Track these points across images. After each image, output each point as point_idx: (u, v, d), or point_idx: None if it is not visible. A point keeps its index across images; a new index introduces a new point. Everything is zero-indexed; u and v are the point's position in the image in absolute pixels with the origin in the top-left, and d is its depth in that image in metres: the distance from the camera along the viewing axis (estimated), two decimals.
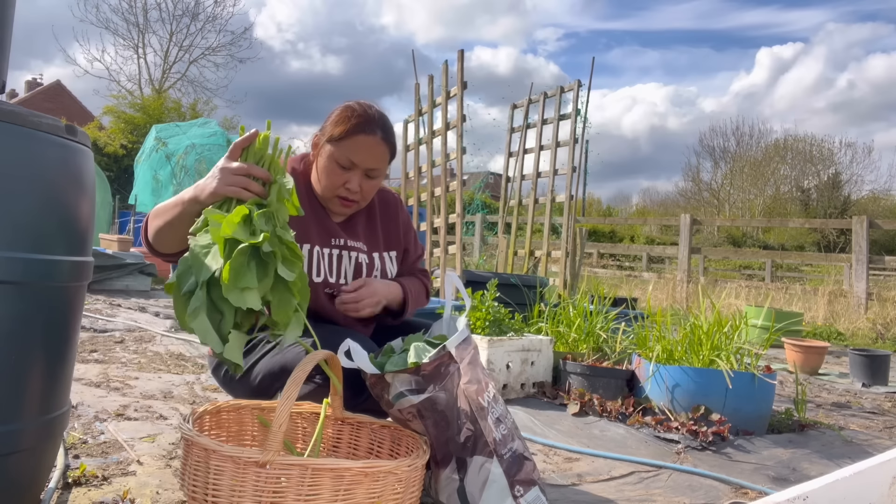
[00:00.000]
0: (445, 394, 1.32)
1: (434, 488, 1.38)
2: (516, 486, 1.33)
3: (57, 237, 1.15)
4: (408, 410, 1.33)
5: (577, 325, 3.23)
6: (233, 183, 1.28)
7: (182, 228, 1.35)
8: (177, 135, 12.34)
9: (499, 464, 1.32)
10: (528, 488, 1.34)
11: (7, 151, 1.06)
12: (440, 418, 1.32)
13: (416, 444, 1.32)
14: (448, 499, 1.33)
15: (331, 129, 1.60)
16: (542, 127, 6.41)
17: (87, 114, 28.10)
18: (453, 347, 1.35)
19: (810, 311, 7.57)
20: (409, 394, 1.32)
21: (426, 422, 1.32)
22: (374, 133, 1.59)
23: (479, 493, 1.30)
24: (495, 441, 1.32)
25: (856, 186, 33.93)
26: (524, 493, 1.33)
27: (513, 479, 1.32)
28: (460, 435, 1.32)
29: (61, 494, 1.40)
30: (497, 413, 1.36)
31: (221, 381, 1.69)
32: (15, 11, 1.25)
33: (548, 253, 6.28)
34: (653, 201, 39.72)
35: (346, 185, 1.60)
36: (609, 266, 17.91)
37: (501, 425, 1.35)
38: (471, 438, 1.32)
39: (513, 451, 1.35)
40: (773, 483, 1.97)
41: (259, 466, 1.06)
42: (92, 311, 4.60)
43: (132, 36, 27.62)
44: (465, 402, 1.32)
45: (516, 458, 1.35)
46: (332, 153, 1.59)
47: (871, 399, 3.60)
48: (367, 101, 1.66)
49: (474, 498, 1.31)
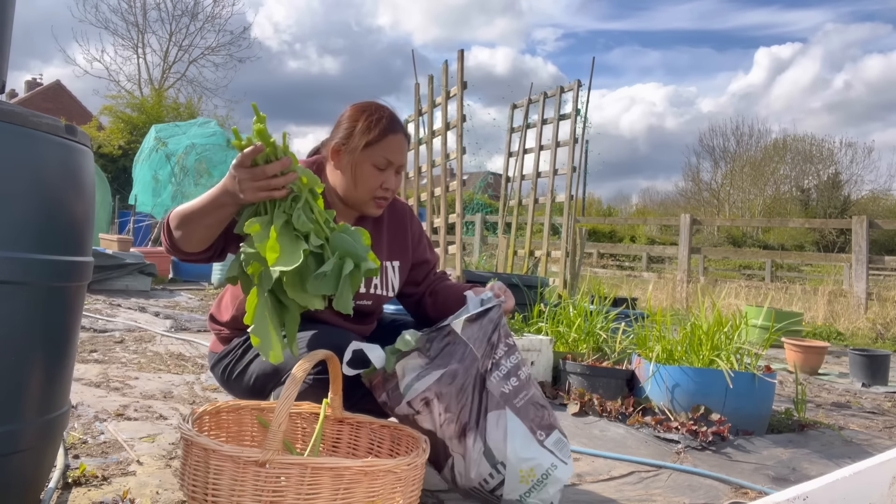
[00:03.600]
0: (459, 365, 1.35)
1: (461, 472, 1.38)
2: (538, 431, 1.37)
3: (57, 237, 1.15)
4: (420, 398, 1.35)
5: (577, 325, 3.23)
6: (261, 188, 1.27)
7: (214, 231, 1.39)
8: (176, 135, 12.34)
9: (514, 414, 1.35)
10: (549, 432, 1.39)
11: (7, 151, 1.06)
12: (457, 392, 1.34)
13: (415, 443, 1.32)
14: (479, 468, 1.35)
15: (362, 136, 1.58)
16: (541, 127, 6.40)
17: (87, 114, 28.09)
18: (458, 324, 1.38)
19: (810, 311, 7.57)
20: (421, 378, 1.34)
21: (443, 401, 1.34)
22: (400, 130, 1.63)
23: (503, 446, 1.33)
24: (503, 394, 1.36)
25: (856, 186, 33.96)
26: (546, 437, 1.37)
27: (532, 426, 1.37)
28: (475, 401, 1.35)
29: (61, 494, 1.40)
30: (507, 369, 1.40)
31: (219, 378, 1.71)
32: (15, 11, 1.25)
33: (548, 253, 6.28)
34: (653, 201, 39.75)
35: (383, 186, 1.62)
36: (609, 266, 17.91)
37: (512, 378, 1.39)
38: (483, 399, 1.36)
39: (527, 399, 1.39)
40: (773, 483, 1.97)
41: (258, 466, 1.06)
42: (92, 311, 4.60)
43: (131, 36, 27.65)
44: (475, 370, 1.37)
45: (532, 405, 1.39)
46: (368, 157, 1.59)
47: (871, 399, 3.60)
48: (374, 101, 1.67)
49: (501, 452, 1.33)
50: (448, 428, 1.35)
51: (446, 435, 1.36)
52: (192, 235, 1.40)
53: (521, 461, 1.34)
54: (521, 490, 1.35)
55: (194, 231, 1.39)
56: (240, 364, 1.64)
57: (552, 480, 1.36)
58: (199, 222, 1.38)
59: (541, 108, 6.43)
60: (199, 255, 1.46)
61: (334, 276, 1.27)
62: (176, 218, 1.41)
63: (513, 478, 1.34)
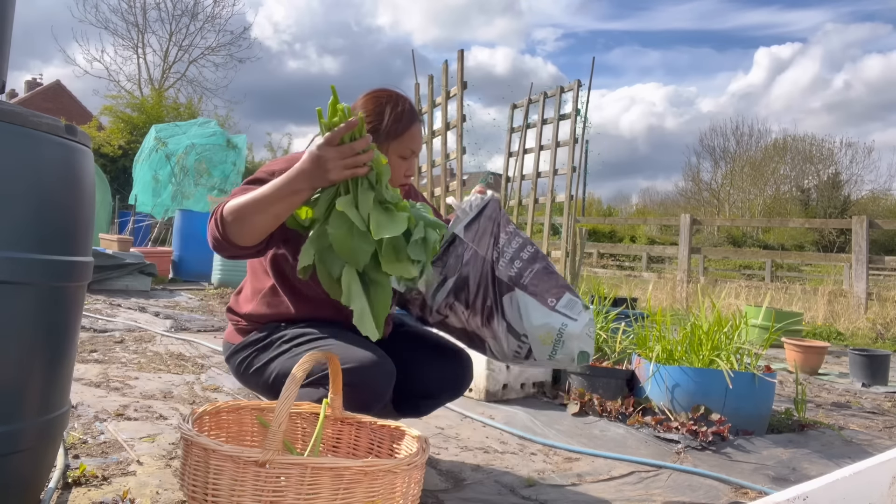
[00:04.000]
0: (467, 268, 1.50)
1: (498, 350, 1.53)
2: (548, 298, 1.50)
3: (57, 237, 1.15)
4: (445, 304, 1.51)
5: None
6: (349, 166, 1.30)
7: (282, 219, 1.38)
8: (176, 135, 12.34)
9: (523, 291, 1.49)
10: (560, 295, 1.52)
11: (7, 151, 1.06)
12: (471, 290, 1.49)
13: (415, 443, 1.32)
14: (508, 343, 1.51)
15: (390, 130, 1.60)
16: (541, 127, 6.41)
17: (87, 114, 28.10)
18: (460, 231, 1.51)
19: (810, 311, 7.57)
20: (440, 288, 1.50)
21: (464, 301, 1.50)
22: (418, 118, 1.67)
23: (520, 321, 1.49)
24: (510, 277, 1.50)
25: (856, 186, 33.97)
26: (557, 301, 1.51)
27: (542, 295, 1.50)
28: (489, 291, 1.50)
29: (61, 494, 1.40)
30: (510, 254, 1.53)
31: (235, 369, 1.68)
32: (15, 11, 1.25)
33: (548, 253, 6.28)
34: (653, 201, 39.76)
35: (406, 173, 1.66)
36: (609, 266, 17.91)
37: (516, 261, 1.52)
38: (496, 286, 1.50)
39: (532, 273, 1.52)
40: (773, 483, 1.97)
41: (259, 466, 1.06)
42: (92, 311, 4.60)
43: (131, 36, 27.66)
44: (484, 264, 1.50)
45: (538, 276, 1.52)
46: (395, 149, 1.62)
47: (871, 399, 3.61)
48: (391, 90, 1.68)
49: (520, 326, 1.49)
50: (473, 321, 1.51)
51: (473, 327, 1.52)
52: (256, 227, 1.36)
53: (536, 329, 1.49)
54: (547, 351, 1.51)
55: (260, 222, 1.35)
56: (260, 359, 1.61)
57: (567, 336, 1.51)
58: (267, 212, 1.34)
59: (541, 108, 6.43)
60: (251, 248, 1.42)
61: (423, 243, 1.41)
62: (235, 211, 1.36)
63: (536, 344, 1.51)
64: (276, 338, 1.59)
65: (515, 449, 2.14)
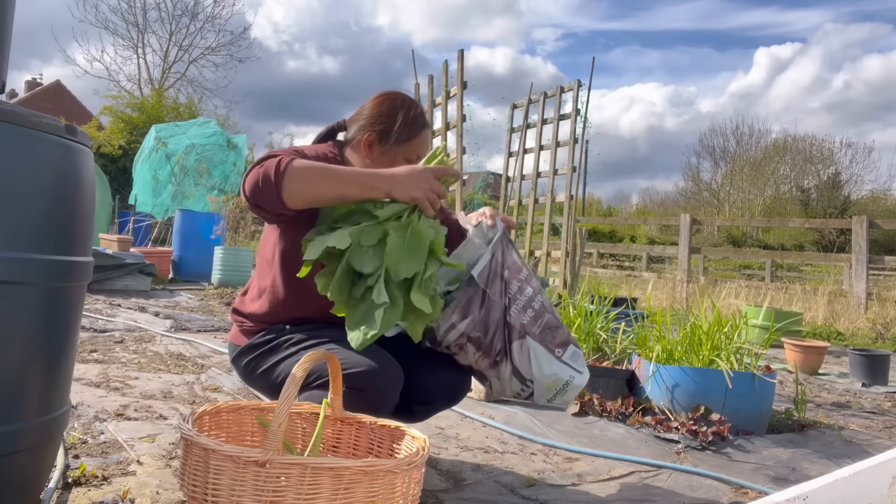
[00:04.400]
0: (480, 312, 1.55)
1: (498, 389, 1.62)
2: (556, 349, 1.58)
3: (57, 237, 1.15)
4: (455, 343, 1.55)
5: (577, 325, 3.22)
6: (430, 199, 1.42)
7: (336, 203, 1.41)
8: (176, 135, 12.34)
9: (533, 340, 1.56)
10: (565, 348, 1.60)
11: (7, 151, 1.06)
12: (483, 333, 1.54)
13: (415, 443, 1.32)
14: (511, 386, 1.59)
15: (401, 133, 1.63)
16: (541, 127, 6.41)
17: (87, 114, 28.11)
18: (476, 273, 1.55)
19: (810, 311, 7.57)
20: (453, 328, 1.54)
21: (475, 343, 1.55)
22: (427, 123, 1.71)
23: (529, 367, 1.56)
24: (523, 325, 1.56)
25: (856, 186, 33.98)
26: (563, 353, 1.59)
27: (550, 346, 1.58)
28: (500, 336, 1.56)
29: (61, 494, 1.40)
30: (522, 302, 1.59)
31: (241, 370, 1.67)
32: (15, 11, 1.25)
33: (548, 253, 6.28)
34: (653, 201, 39.77)
35: None
36: (609, 266, 17.92)
37: (528, 310, 1.59)
38: (507, 332, 1.56)
39: (543, 326, 1.59)
40: (773, 483, 1.97)
41: (259, 466, 1.06)
42: (92, 311, 4.60)
43: (131, 36, 27.68)
44: (497, 309, 1.56)
45: (548, 329, 1.59)
46: (403, 153, 1.65)
47: (871, 399, 3.61)
48: (402, 93, 1.71)
49: (527, 371, 1.57)
50: (482, 362, 1.57)
51: (482, 367, 1.58)
52: (315, 195, 1.37)
53: (545, 377, 1.58)
54: (548, 395, 1.60)
55: (322, 193, 1.37)
56: (268, 360, 1.60)
57: (572, 387, 1.60)
58: (335, 189, 1.37)
59: (541, 108, 6.43)
60: (288, 211, 1.40)
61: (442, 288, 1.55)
62: (305, 171, 1.35)
63: (540, 389, 1.59)
64: (283, 340, 1.59)
65: (515, 449, 2.14)
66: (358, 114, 1.69)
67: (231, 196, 9.69)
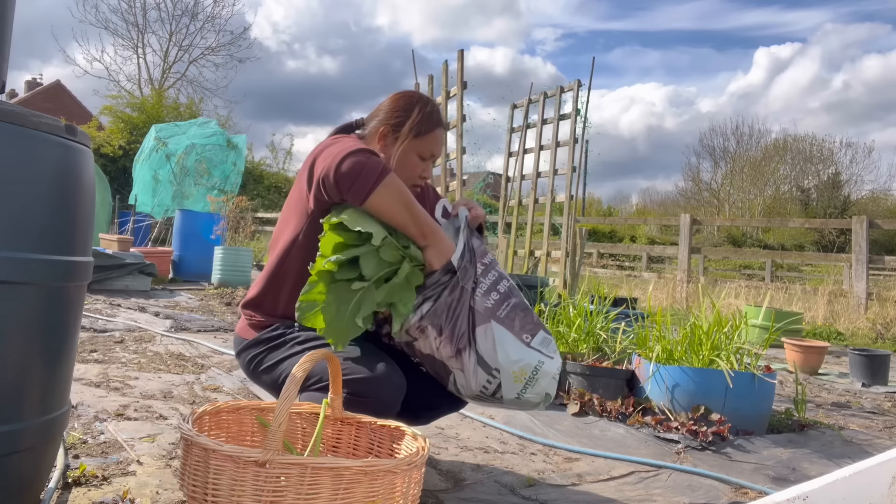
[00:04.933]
0: (448, 292, 1.48)
1: (463, 385, 1.50)
2: (523, 334, 1.49)
3: (57, 237, 1.15)
4: (416, 327, 1.47)
5: (577, 325, 3.23)
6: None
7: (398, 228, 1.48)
8: (176, 135, 12.34)
9: (498, 324, 1.48)
10: (535, 332, 1.51)
11: (7, 151, 1.06)
12: (447, 317, 1.47)
13: (415, 443, 1.32)
14: (477, 378, 1.48)
15: (415, 126, 1.66)
16: (541, 127, 6.41)
17: (87, 114, 28.12)
18: (455, 262, 1.50)
19: (810, 310, 7.57)
20: (415, 309, 1.47)
21: (437, 327, 1.47)
22: (444, 124, 1.73)
23: (494, 354, 1.47)
24: (487, 308, 1.48)
25: (856, 186, 33.99)
26: (532, 338, 1.50)
27: (517, 331, 1.49)
28: (464, 320, 1.48)
29: (61, 494, 1.40)
30: (486, 285, 1.51)
31: (244, 365, 1.68)
32: (15, 11, 1.25)
33: (548, 253, 6.28)
34: (653, 201, 39.78)
35: (422, 175, 1.71)
36: (609, 266, 17.92)
37: (493, 293, 1.51)
38: (471, 317, 1.48)
39: (509, 308, 1.51)
40: (773, 483, 1.97)
41: (259, 466, 1.06)
42: (92, 311, 4.60)
43: (131, 36, 27.70)
44: (463, 293, 1.49)
45: (514, 312, 1.51)
46: (415, 147, 1.67)
47: (871, 399, 3.61)
48: (420, 93, 1.76)
49: (493, 359, 1.47)
50: (444, 349, 1.48)
51: (444, 356, 1.48)
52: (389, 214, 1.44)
53: (512, 363, 1.47)
54: (517, 388, 1.49)
55: (394, 216, 1.45)
56: (271, 358, 1.60)
57: (542, 374, 1.49)
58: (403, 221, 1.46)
59: (541, 108, 6.43)
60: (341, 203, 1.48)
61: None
62: (398, 192, 1.44)
63: (508, 379, 1.48)
64: (290, 338, 1.59)
65: (515, 449, 2.14)
66: (377, 109, 1.74)
67: (231, 196, 9.69)
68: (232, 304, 5.88)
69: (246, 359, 1.66)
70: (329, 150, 1.50)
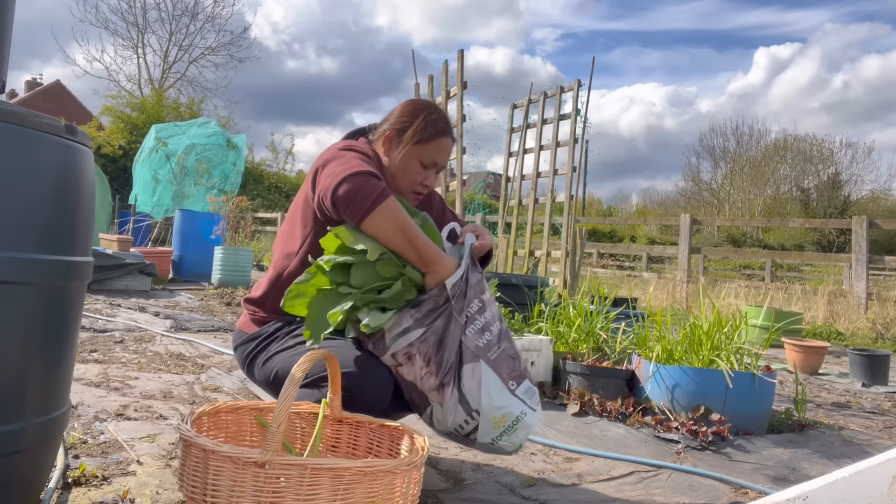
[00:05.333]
0: (441, 323, 1.45)
1: (439, 419, 1.47)
2: (510, 381, 1.47)
3: (57, 237, 1.15)
4: (403, 352, 1.44)
5: (577, 325, 3.23)
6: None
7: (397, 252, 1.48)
8: (176, 135, 12.34)
9: (487, 365, 1.45)
10: (520, 382, 1.48)
11: (7, 151, 1.06)
12: (436, 347, 1.44)
13: (415, 442, 1.32)
14: (455, 415, 1.44)
15: (417, 132, 1.67)
16: (541, 127, 6.41)
17: (87, 114, 28.13)
18: (449, 286, 1.47)
19: (810, 310, 7.57)
20: (405, 333, 1.44)
21: (424, 356, 1.43)
22: (450, 134, 1.72)
23: (478, 395, 1.43)
24: (478, 347, 1.45)
25: (856, 186, 34.00)
26: (518, 386, 1.47)
27: (504, 377, 1.46)
28: (452, 355, 1.44)
29: (61, 494, 1.40)
30: (481, 324, 1.48)
31: (240, 360, 1.72)
32: (15, 11, 1.25)
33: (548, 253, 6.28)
34: (653, 201, 39.78)
35: (423, 182, 1.71)
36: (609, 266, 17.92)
37: (486, 333, 1.48)
38: (460, 352, 1.45)
39: (499, 352, 1.48)
40: (773, 483, 1.97)
41: (258, 467, 1.06)
42: (92, 311, 4.60)
43: (131, 36, 27.70)
44: (456, 325, 1.46)
45: (504, 357, 1.48)
46: (417, 153, 1.68)
47: (871, 399, 3.60)
48: (430, 101, 1.79)
49: (476, 400, 1.43)
50: (428, 381, 1.44)
51: (426, 387, 1.45)
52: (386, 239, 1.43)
53: (495, 409, 1.44)
54: (493, 434, 1.45)
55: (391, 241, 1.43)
56: (264, 354, 1.63)
57: (522, 426, 1.46)
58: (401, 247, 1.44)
59: (541, 108, 6.43)
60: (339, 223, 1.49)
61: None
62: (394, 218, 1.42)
63: (486, 423, 1.44)
64: (284, 333, 1.62)
65: None
66: (388, 115, 1.76)
67: (231, 196, 9.69)
68: (232, 304, 5.88)
69: (241, 353, 1.69)
70: (331, 168, 1.49)
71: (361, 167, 1.46)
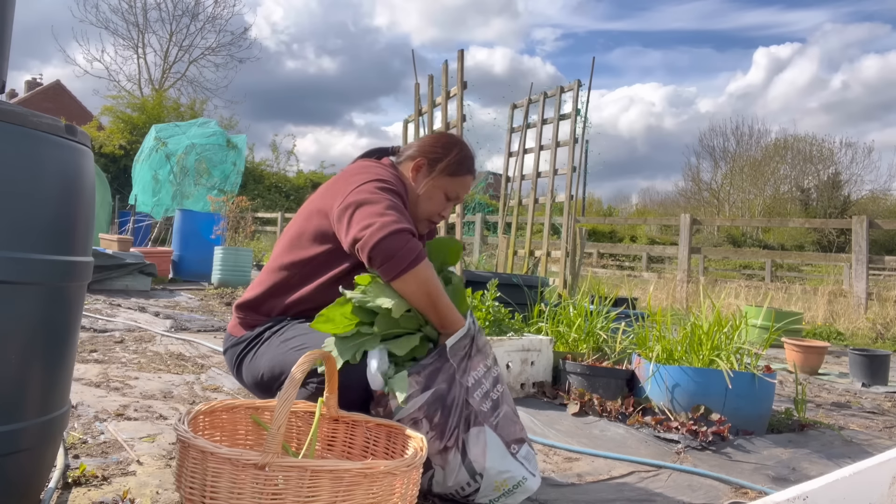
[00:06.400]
0: (444, 386, 1.45)
1: (438, 481, 1.47)
2: (511, 445, 1.50)
3: (57, 237, 1.15)
4: (409, 418, 1.43)
5: (577, 325, 3.22)
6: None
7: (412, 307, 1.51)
8: (176, 135, 12.34)
9: (491, 430, 1.48)
10: (520, 446, 1.52)
11: (7, 151, 1.06)
12: (442, 412, 1.44)
13: (412, 442, 1.32)
14: (457, 477, 1.45)
15: (450, 166, 1.74)
16: (541, 127, 6.40)
17: (87, 114, 28.12)
18: (449, 346, 1.48)
19: (810, 310, 7.57)
20: (411, 398, 1.42)
21: (430, 420, 1.43)
22: (475, 172, 1.80)
23: (482, 458, 1.45)
24: (482, 412, 1.48)
25: (856, 186, 34.00)
26: (518, 450, 1.51)
27: (507, 441, 1.50)
28: (458, 419, 1.45)
29: (61, 494, 1.40)
30: (484, 389, 1.51)
31: (229, 363, 1.74)
32: (15, 11, 1.25)
33: (548, 253, 6.28)
34: (653, 201, 39.78)
35: (441, 213, 1.76)
36: (609, 266, 17.91)
37: (488, 399, 1.50)
38: (465, 416, 1.47)
39: (502, 416, 1.51)
40: (773, 483, 1.97)
41: (258, 468, 1.06)
42: (92, 311, 4.60)
43: (132, 36, 27.70)
44: (460, 389, 1.47)
45: (506, 422, 1.52)
46: (444, 185, 1.74)
47: (871, 399, 3.60)
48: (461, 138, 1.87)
49: (480, 464, 1.44)
50: (433, 445, 1.43)
51: (430, 451, 1.43)
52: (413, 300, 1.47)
53: (498, 473, 1.46)
54: (493, 496, 1.47)
55: (417, 302, 1.47)
56: (251, 355, 1.65)
57: (521, 490, 1.49)
58: (425, 307, 1.49)
59: (541, 108, 6.42)
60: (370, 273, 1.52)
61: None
62: (425, 282, 1.46)
63: (488, 486, 1.46)
64: (274, 330, 1.63)
65: None
66: (416, 142, 1.82)
67: (231, 196, 9.69)
68: (232, 303, 5.88)
69: (231, 356, 1.71)
70: (369, 213, 1.48)
71: (401, 223, 1.45)
